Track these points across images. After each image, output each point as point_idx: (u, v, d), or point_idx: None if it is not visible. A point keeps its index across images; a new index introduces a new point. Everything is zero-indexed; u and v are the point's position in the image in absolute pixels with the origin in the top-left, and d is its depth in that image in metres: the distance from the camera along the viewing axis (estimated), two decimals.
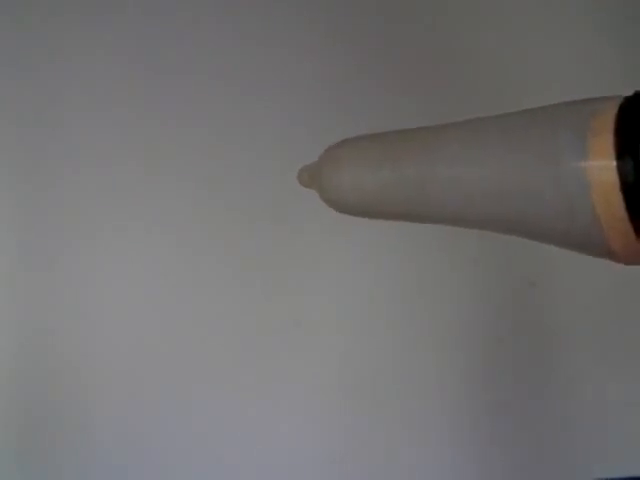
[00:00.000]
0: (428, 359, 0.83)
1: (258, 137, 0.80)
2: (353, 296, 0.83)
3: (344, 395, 0.83)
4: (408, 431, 0.83)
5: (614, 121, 0.27)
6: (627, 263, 0.30)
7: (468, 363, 0.83)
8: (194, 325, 0.81)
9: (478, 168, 0.31)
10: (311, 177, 0.35)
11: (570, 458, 0.83)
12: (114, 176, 0.80)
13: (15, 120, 0.80)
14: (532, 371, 0.84)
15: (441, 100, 0.80)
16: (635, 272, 0.48)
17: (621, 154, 0.26)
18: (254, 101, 0.81)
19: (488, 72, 0.81)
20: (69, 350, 0.81)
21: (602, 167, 0.26)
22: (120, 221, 0.80)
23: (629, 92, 0.53)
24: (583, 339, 0.83)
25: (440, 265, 0.82)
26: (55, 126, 0.80)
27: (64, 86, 0.80)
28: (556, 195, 0.28)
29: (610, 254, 0.29)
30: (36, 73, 0.80)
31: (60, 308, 0.81)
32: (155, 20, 0.80)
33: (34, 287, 0.81)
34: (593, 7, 0.82)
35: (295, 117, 0.81)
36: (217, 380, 0.81)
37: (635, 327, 0.82)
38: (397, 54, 0.81)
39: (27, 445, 0.81)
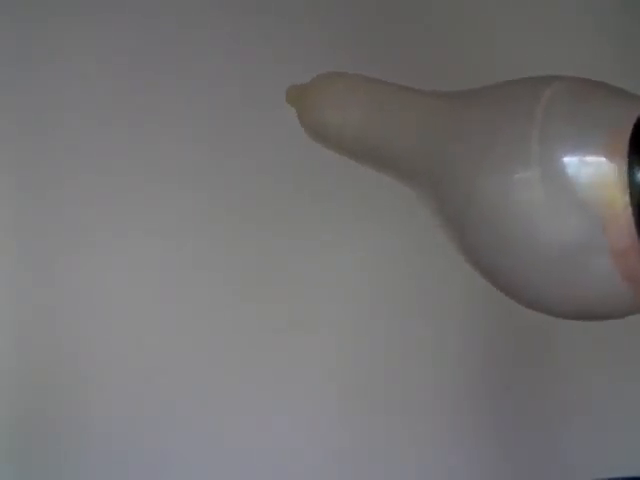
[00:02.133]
0: (429, 359, 0.83)
1: (259, 138, 0.80)
2: (353, 296, 0.83)
3: (344, 395, 0.83)
4: (408, 431, 0.83)
5: (629, 137, 0.27)
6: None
7: (469, 363, 0.83)
8: (194, 325, 0.81)
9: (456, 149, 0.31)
10: (298, 96, 0.35)
11: (570, 458, 0.83)
12: (114, 176, 0.80)
13: (15, 120, 0.80)
14: (532, 371, 0.84)
15: None
16: None
17: (634, 173, 0.26)
18: (255, 101, 0.81)
19: (487, 71, 0.81)
20: (69, 350, 0.81)
21: (614, 182, 0.26)
22: (120, 221, 0.80)
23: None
24: (584, 338, 0.83)
25: (441, 265, 0.82)
26: (55, 126, 0.80)
27: (64, 86, 0.80)
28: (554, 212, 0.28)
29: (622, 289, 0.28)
30: (36, 73, 0.80)
31: (60, 308, 0.81)
32: (155, 20, 0.80)
33: (34, 287, 0.81)
34: (593, 7, 0.82)
35: (294, 117, 0.81)
36: (217, 380, 0.81)
37: (637, 326, 0.82)
38: (397, 54, 0.81)
39: (27, 445, 0.81)
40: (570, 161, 0.28)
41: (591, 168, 0.27)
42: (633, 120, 0.27)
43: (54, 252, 0.81)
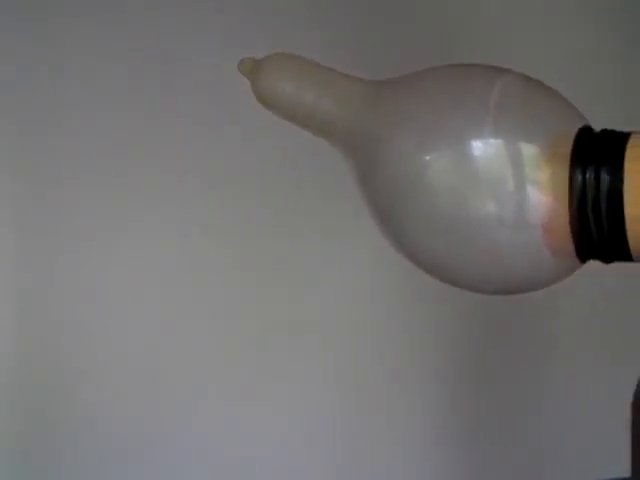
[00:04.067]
0: (430, 358, 0.83)
1: (259, 137, 0.80)
2: (353, 296, 0.83)
3: (344, 396, 0.83)
4: (408, 432, 0.83)
5: (572, 142, 0.33)
6: (554, 274, 0.34)
7: (468, 363, 0.83)
8: (194, 325, 0.81)
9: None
10: (252, 69, 0.38)
11: (570, 458, 0.83)
12: (114, 176, 0.80)
13: (15, 120, 0.80)
14: (531, 371, 0.84)
15: None
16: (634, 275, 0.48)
17: (575, 172, 0.32)
18: (256, 100, 0.81)
19: None
20: (69, 350, 0.81)
21: (555, 177, 0.32)
22: (120, 221, 0.80)
23: (628, 93, 0.52)
24: (582, 337, 0.83)
25: None
26: (55, 126, 0.80)
27: (64, 86, 0.80)
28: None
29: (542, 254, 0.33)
30: (36, 73, 0.80)
31: (60, 308, 0.81)
32: (155, 20, 0.80)
33: (34, 287, 0.81)
34: (593, 7, 0.82)
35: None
36: (217, 380, 0.81)
37: (635, 326, 0.82)
38: (397, 54, 0.81)
39: (27, 445, 0.81)
40: (520, 146, 0.33)
41: (538, 159, 0.32)
42: (575, 129, 0.33)
43: (54, 252, 0.81)
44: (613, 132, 0.33)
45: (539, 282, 0.35)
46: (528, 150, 0.33)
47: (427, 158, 0.34)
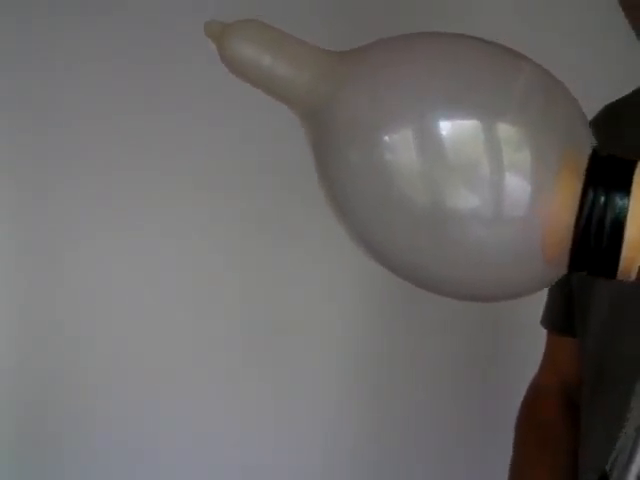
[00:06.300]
0: (427, 359, 0.83)
1: (258, 140, 0.80)
2: (353, 296, 0.83)
3: (344, 394, 0.83)
4: (406, 431, 0.83)
5: (588, 157, 0.33)
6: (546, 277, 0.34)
7: (468, 362, 0.83)
8: (195, 325, 0.81)
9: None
10: (219, 32, 0.37)
11: None
12: (114, 176, 0.80)
13: (15, 121, 0.80)
14: (530, 372, 0.84)
15: None
16: None
17: (585, 189, 0.33)
18: (257, 101, 0.81)
19: None
20: (69, 350, 0.81)
21: (566, 188, 0.33)
22: (120, 221, 0.80)
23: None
24: None
25: None
26: (55, 126, 0.80)
27: (64, 86, 0.80)
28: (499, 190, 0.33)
29: (537, 261, 0.33)
30: (36, 73, 0.80)
31: (60, 308, 0.81)
32: (155, 20, 0.80)
33: (34, 287, 0.81)
34: (594, 6, 0.82)
35: (292, 119, 0.81)
36: (217, 379, 0.81)
37: None
38: None
39: (27, 445, 0.81)
40: (535, 147, 0.33)
41: (553, 165, 0.33)
42: (589, 147, 0.34)
43: (54, 252, 0.81)
44: (622, 159, 0.34)
45: (521, 287, 0.35)
46: (544, 153, 0.33)
47: (385, 138, 0.32)
